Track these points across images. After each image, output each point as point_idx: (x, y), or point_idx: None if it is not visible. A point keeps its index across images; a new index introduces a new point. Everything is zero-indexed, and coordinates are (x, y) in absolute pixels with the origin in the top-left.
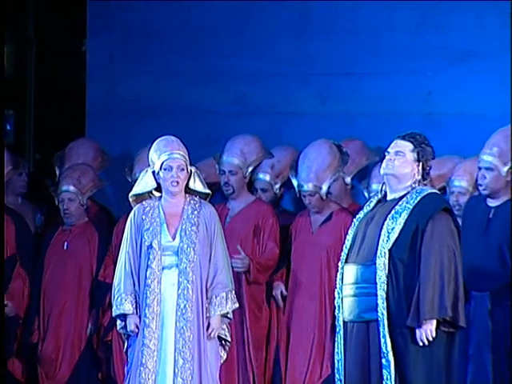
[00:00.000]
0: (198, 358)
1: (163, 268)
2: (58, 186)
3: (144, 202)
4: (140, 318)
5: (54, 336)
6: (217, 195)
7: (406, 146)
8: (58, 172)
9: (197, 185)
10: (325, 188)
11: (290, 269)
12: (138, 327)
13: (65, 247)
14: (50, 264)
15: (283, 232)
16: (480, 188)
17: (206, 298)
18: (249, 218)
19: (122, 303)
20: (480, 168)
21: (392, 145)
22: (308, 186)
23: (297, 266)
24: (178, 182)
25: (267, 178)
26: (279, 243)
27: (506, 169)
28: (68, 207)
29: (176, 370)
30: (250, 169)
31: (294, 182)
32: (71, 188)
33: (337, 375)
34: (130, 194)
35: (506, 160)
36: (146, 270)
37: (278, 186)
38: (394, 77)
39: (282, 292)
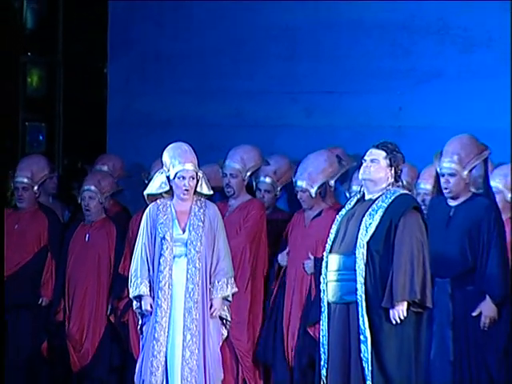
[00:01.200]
0: (202, 333)
1: (174, 256)
2: (82, 185)
3: (158, 201)
4: (153, 299)
5: (79, 316)
6: (216, 194)
7: (380, 154)
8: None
9: (203, 188)
10: (315, 188)
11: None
12: (151, 307)
13: (86, 239)
14: (73, 254)
15: (278, 225)
16: (445, 191)
17: (210, 283)
18: (240, 214)
19: (139, 286)
20: (443, 174)
21: (368, 153)
22: (301, 184)
23: (293, 253)
24: (188, 190)
25: (271, 181)
26: (256, 232)
27: (465, 173)
28: (88, 204)
29: (184, 344)
30: (249, 173)
31: (293, 180)
32: (92, 187)
33: (321, 348)
34: (145, 192)
35: (465, 165)
36: (160, 258)
37: (278, 188)
38: (369, 95)
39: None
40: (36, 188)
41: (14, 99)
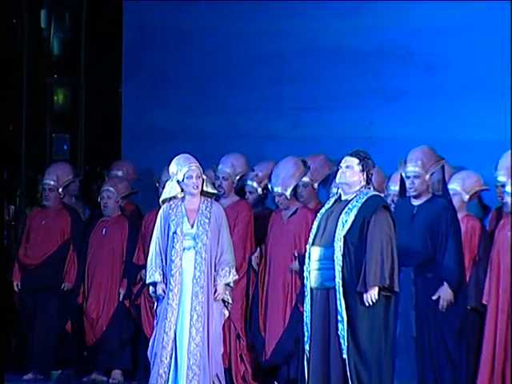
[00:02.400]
0: (206, 314)
1: (184, 249)
2: (102, 187)
3: (170, 202)
4: (166, 285)
5: (96, 298)
6: None
7: (354, 161)
8: (106, 179)
9: (209, 188)
10: (289, 191)
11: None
12: (164, 291)
13: (103, 233)
14: (92, 246)
15: (266, 220)
16: (410, 191)
17: (214, 271)
18: (231, 213)
19: (153, 274)
20: (409, 177)
21: (343, 160)
22: (277, 189)
23: (272, 246)
24: (197, 186)
25: (254, 184)
26: (246, 233)
27: (427, 176)
28: (106, 202)
29: (191, 323)
30: (237, 177)
31: (269, 186)
32: (111, 188)
33: (305, 327)
34: (161, 199)
35: (427, 169)
36: (171, 250)
37: (260, 190)
38: (345, 111)
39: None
40: (61, 190)
41: (42, 114)
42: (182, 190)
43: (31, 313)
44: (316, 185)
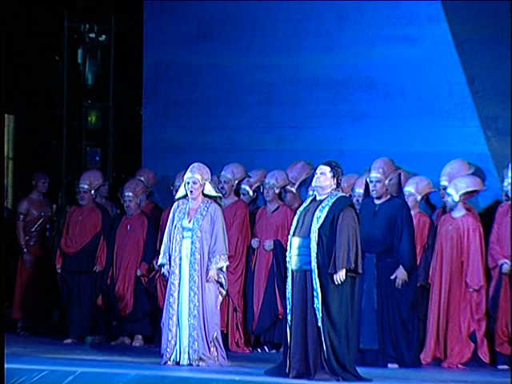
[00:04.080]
0: (201, 292)
1: (182, 238)
2: (123, 192)
3: (179, 201)
4: (170, 266)
5: (122, 280)
6: None
7: (326, 169)
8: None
9: (211, 192)
10: (279, 189)
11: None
12: (168, 272)
13: (127, 228)
14: (119, 238)
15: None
16: (373, 193)
17: (208, 259)
18: (231, 210)
19: (162, 258)
20: (372, 181)
21: (318, 168)
22: (269, 183)
23: (260, 235)
24: (191, 191)
25: (246, 187)
26: (243, 226)
27: (387, 181)
28: (128, 204)
29: (189, 298)
30: (236, 182)
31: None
32: (130, 194)
33: (288, 302)
34: (176, 198)
35: (387, 176)
36: (173, 240)
37: (251, 192)
38: (320, 129)
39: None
40: (93, 192)
41: (79, 132)
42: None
43: (70, 290)
44: (293, 189)
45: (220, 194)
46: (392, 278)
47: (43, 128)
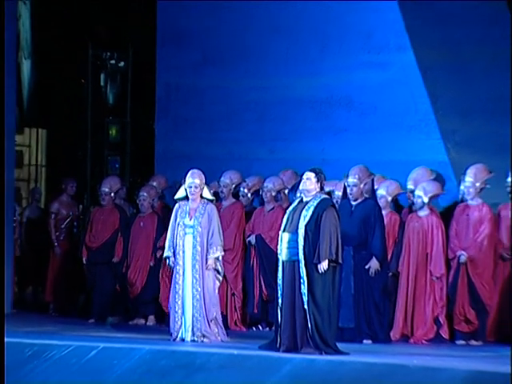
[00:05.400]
0: (202, 279)
1: (184, 234)
2: (139, 193)
3: (180, 202)
4: (175, 258)
5: (135, 269)
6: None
7: (312, 174)
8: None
9: (207, 195)
10: (275, 192)
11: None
12: (173, 263)
13: (141, 225)
14: (133, 233)
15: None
16: (350, 196)
17: (207, 250)
18: (229, 211)
19: (167, 251)
20: (349, 186)
21: (305, 174)
22: (267, 187)
23: (257, 231)
24: (193, 194)
25: (245, 190)
26: (240, 224)
27: (362, 185)
28: (142, 204)
29: (192, 285)
30: (234, 186)
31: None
32: (145, 194)
33: (279, 287)
34: (175, 198)
35: (362, 181)
36: (177, 235)
37: (249, 195)
38: (306, 141)
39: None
40: (113, 194)
41: (101, 144)
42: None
43: (93, 278)
44: (286, 191)
45: (213, 198)
46: (366, 267)
47: (71, 140)
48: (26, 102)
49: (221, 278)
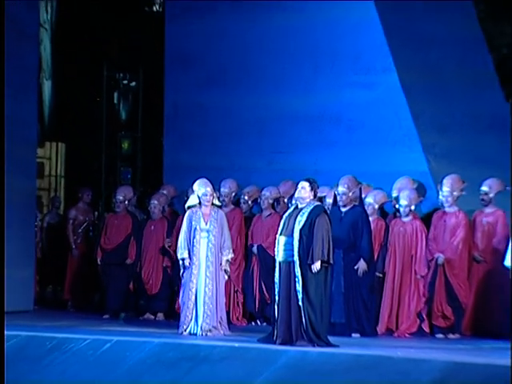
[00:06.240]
0: (215, 279)
1: (200, 238)
2: (150, 200)
3: (192, 208)
4: (190, 259)
5: (148, 269)
6: None
7: (306, 184)
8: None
9: (216, 202)
10: (272, 200)
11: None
12: (189, 263)
13: (152, 229)
14: (145, 237)
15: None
16: (340, 203)
17: (220, 252)
18: (230, 216)
19: (183, 252)
20: (339, 194)
21: (300, 183)
22: (265, 195)
23: (255, 237)
24: (208, 201)
25: (246, 197)
26: (240, 228)
27: (350, 194)
28: (153, 210)
29: (205, 283)
30: (233, 194)
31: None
32: (155, 202)
33: (276, 286)
34: (186, 205)
35: (351, 189)
36: (193, 239)
37: (250, 202)
38: (301, 153)
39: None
40: (126, 202)
41: (114, 156)
42: (200, 201)
43: (108, 277)
44: (285, 199)
45: (221, 204)
46: (355, 268)
47: (87, 153)
48: (47, 118)
49: (227, 278)
